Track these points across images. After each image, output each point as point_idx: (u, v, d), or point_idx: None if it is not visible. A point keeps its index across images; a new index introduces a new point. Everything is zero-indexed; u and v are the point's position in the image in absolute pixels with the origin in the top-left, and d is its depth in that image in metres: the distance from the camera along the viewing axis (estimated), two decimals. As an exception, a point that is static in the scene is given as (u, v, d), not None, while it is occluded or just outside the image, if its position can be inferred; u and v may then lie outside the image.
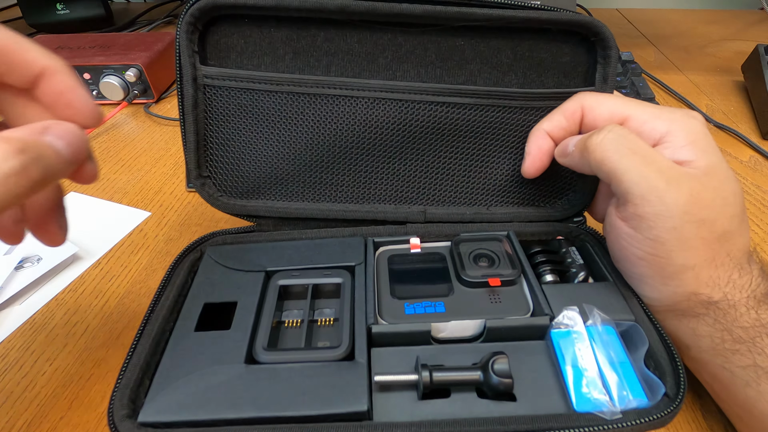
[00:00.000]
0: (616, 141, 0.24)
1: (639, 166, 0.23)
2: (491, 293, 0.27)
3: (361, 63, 0.30)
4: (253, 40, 0.30)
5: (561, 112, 0.29)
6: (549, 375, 0.23)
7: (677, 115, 0.26)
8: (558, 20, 0.29)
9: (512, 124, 0.32)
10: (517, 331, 0.25)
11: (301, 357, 0.23)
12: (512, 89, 0.30)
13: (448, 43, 0.30)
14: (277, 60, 0.30)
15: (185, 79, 0.29)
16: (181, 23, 0.28)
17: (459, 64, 0.30)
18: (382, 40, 0.30)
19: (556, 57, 0.30)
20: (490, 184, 0.33)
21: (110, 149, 0.53)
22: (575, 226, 0.32)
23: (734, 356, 0.23)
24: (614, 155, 0.24)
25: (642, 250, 0.24)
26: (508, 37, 0.30)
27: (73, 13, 0.84)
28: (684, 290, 0.24)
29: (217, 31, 0.30)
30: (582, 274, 0.28)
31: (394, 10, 0.28)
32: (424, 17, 0.28)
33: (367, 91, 0.30)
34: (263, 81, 0.30)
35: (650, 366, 0.23)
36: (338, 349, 0.23)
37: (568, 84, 0.31)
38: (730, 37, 0.83)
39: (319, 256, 0.29)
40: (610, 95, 0.28)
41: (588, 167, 0.26)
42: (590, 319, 0.24)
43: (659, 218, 0.23)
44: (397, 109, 0.31)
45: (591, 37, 0.29)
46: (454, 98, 0.30)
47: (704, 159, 0.24)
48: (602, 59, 0.30)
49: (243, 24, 0.29)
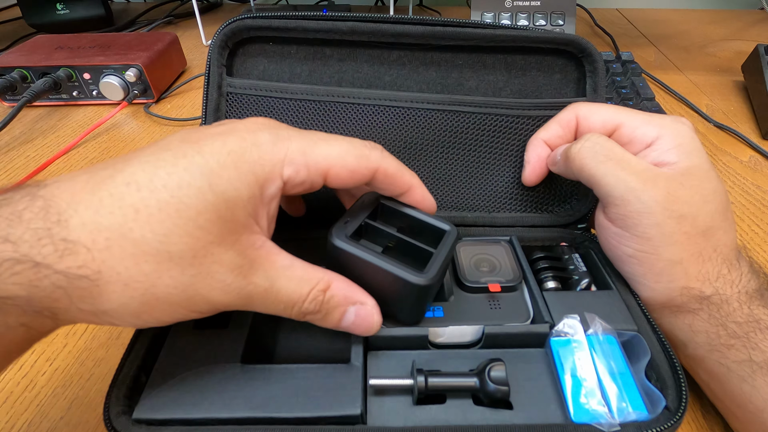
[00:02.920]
0: (592, 149, 0.26)
1: (615, 171, 0.25)
2: (491, 299, 0.27)
3: (369, 80, 0.33)
4: (275, 61, 0.33)
5: (557, 122, 0.30)
6: (547, 384, 0.23)
7: (666, 121, 0.27)
8: (545, 39, 0.31)
9: (510, 131, 0.33)
10: (516, 338, 0.24)
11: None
12: (508, 99, 0.32)
13: (448, 62, 0.33)
14: (294, 77, 0.34)
15: (211, 86, 0.32)
16: (214, 40, 0.32)
17: (458, 81, 0.33)
18: (388, 60, 0.33)
19: (549, 73, 0.33)
20: (492, 190, 0.33)
21: (110, 149, 0.53)
22: (579, 232, 0.32)
23: (729, 351, 0.23)
24: (591, 162, 0.26)
25: (631, 247, 0.25)
26: (502, 57, 0.33)
27: (73, 13, 0.84)
28: (675, 285, 0.25)
29: (245, 52, 0.33)
30: (585, 282, 0.28)
31: (397, 30, 0.31)
32: (425, 37, 0.31)
33: (373, 99, 0.32)
34: (279, 90, 0.33)
35: (651, 378, 0.23)
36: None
37: (561, 96, 0.33)
38: (730, 37, 0.83)
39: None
40: (603, 105, 0.30)
41: (573, 174, 0.28)
42: (591, 328, 0.24)
43: (641, 215, 0.24)
44: (401, 115, 0.33)
45: (578, 54, 0.32)
46: (453, 107, 0.32)
47: (686, 161, 0.25)
48: (591, 72, 0.32)
49: (268, 47, 0.33)
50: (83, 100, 0.62)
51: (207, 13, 1.03)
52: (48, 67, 0.59)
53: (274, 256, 0.20)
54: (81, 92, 0.61)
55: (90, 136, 0.55)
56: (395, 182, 0.23)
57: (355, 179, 0.22)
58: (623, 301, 0.26)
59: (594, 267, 0.29)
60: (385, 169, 0.22)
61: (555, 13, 0.67)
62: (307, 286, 0.20)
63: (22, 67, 0.59)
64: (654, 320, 0.25)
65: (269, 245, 0.20)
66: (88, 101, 0.62)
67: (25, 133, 0.56)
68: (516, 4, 0.67)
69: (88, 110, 0.62)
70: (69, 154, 0.52)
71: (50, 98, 0.61)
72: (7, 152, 0.52)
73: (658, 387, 0.22)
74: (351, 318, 0.22)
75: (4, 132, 0.55)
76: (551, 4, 0.66)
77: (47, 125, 0.58)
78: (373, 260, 0.22)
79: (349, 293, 0.22)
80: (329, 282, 0.21)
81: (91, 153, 0.52)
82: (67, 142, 0.53)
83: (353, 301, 0.22)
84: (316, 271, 0.21)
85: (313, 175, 0.21)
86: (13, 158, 0.51)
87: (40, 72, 0.59)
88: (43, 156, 0.52)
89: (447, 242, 0.24)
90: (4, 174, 0.49)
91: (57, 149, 0.52)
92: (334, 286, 0.21)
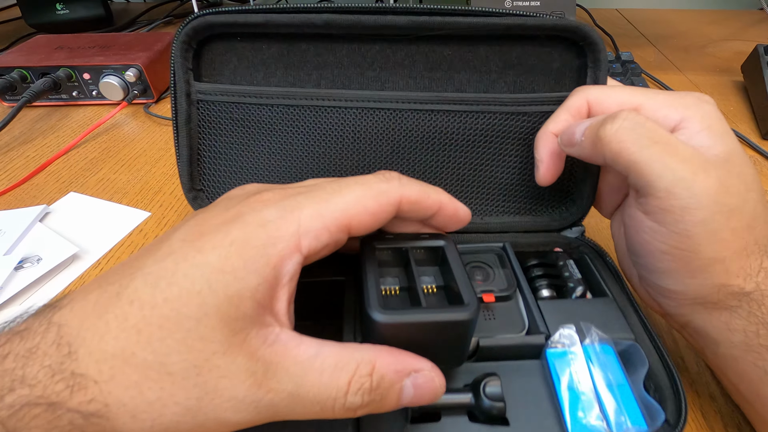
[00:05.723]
0: (633, 130, 0.22)
1: (662, 157, 0.22)
2: (485, 309, 0.26)
3: (351, 75, 0.31)
4: (245, 58, 0.30)
5: (566, 110, 0.27)
6: (544, 397, 0.22)
7: (690, 100, 0.24)
8: (544, 25, 0.28)
9: (504, 130, 0.31)
10: (511, 350, 0.24)
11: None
12: (502, 95, 0.30)
13: (436, 53, 0.30)
14: (269, 75, 0.31)
15: (179, 95, 0.30)
16: (176, 42, 0.29)
17: (448, 74, 0.31)
18: (370, 53, 0.30)
19: (546, 63, 0.30)
20: (484, 194, 0.32)
21: (110, 149, 0.53)
22: (573, 237, 0.31)
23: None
24: (633, 146, 0.22)
25: (667, 244, 0.22)
26: (496, 45, 0.30)
27: (72, 13, 0.84)
28: (712, 282, 0.22)
29: (211, 50, 0.30)
30: (580, 289, 0.27)
31: (379, 22, 0.28)
32: (409, 28, 0.28)
33: (356, 101, 0.30)
34: (254, 95, 0.30)
35: (650, 389, 0.22)
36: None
37: (559, 89, 0.31)
38: (730, 37, 0.83)
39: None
40: (615, 86, 0.27)
41: (600, 159, 0.24)
42: (588, 338, 0.23)
43: (687, 211, 0.21)
44: (386, 118, 0.30)
45: (579, 42, 0.29)
46: (442, 106, 0.30)
47: (721, 144, 0.22)
48: (592, 63, 0.29)
49: (236, 42, 0.30)
50: (83, 100, 0.62)
51: (207, 13, 1.03)
52: (48, 67, 0.59)
53: (293, 348, 0.17)
54: (81, 92, 0.61)
55: (90, 136, 0.55)
56: (421, 207, 0.21)
57: (380, 220, 0.20)
58: (619, 309, 0.25)
59: (589, 273, 0.29)
60: (408, 198, 0.20)
61: (555, 13, 0.67)
62: (346, 374, 0.17)
63: (22, 67, 0.59)
64: (687, 315, 0.23)
65: (285, 336, 0.17)
66: (88, 101, 0.62)
67: (25, 133, 0.56)
68: (515, 5, 0.67)
69: (87, 110, 0.61)
70: (69, 154, 0.52)
71: (50, 98, 0.61)
72: (6, 152, 0.52)
73: (657, 399, 0.22)
74: (410, 393, 0.18)
75: (4, 132, 0.55)
76: (551, 4, 0.66)
77: (47, 125, 0.58)
78: (420, 318, 0.19)
79: (399, 365, 0.18)
80: (373, 361, 0.18)
81: (90, 153, 0.52)
82: (66, 142, 0.53)
83: (407, 372, 0.18)
84: (352, 350, 0.18)
85: (335, 234, 0.19)
86: (13, 158, 0.51)
87: (39, 72, 0.59)
88: (43, 156, 0.52)
89: (453, 257, 0.22)
90: (4, 174, 0.49)
91: (57, 149, 0.52)
92: (380, 364, 0.18)
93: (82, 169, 0.50)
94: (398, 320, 0.19)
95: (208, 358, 0.16)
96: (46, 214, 0.43)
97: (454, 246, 0.23)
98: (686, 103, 0.24)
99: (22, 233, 0.39)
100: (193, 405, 0.16)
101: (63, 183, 0.47)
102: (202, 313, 0.16)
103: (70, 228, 0.41)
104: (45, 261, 0.37)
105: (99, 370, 0.15)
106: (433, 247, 0.23)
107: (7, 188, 0.46)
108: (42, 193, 0.46)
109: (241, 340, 0.16)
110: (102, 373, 0.15)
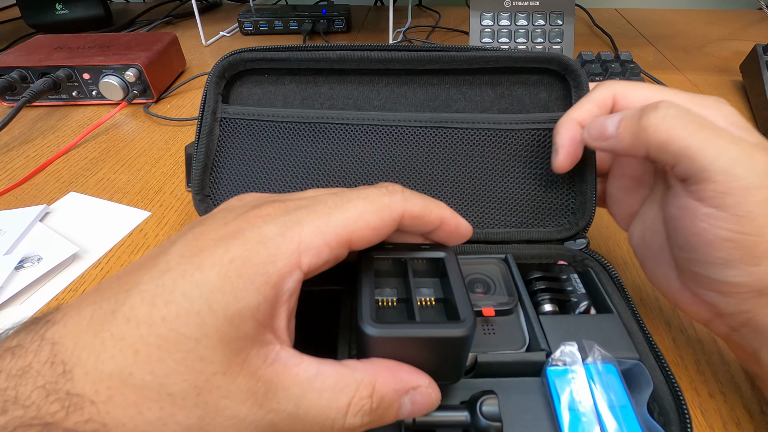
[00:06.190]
0: (680, 117, 0.22)
1: (715, 140, 0.21)
2: (485, 323, 0.25)
3: (359, 104, 0.35)
4: (269, 91, 0.35)
5: (591, 101, 0.27)
6: (543, 417, 0.21)
7: (709, 101, 0.25)
8: (528, 58, 0.32)
9: (500, 145, 0.33)
10: (510, 366, 0.23)
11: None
12: (496, 115, 0.33)
13: (436, 85, 0.34)
14: (287, 104, 0.35)
15: (206, 112, 0.34)
16: (212, 72, 0.34)
17: (446, 103, 0.34)
18: (377, 85, 0.35)
19: (533, 92, 0.34)
20: (485, 205, 0.33)
21: (110, 149, 0.53)
22: (578, 249, 0.31)
23: None
24: (683, 132, 0.22)
25: (728, 229, 0.21)
26: (488, 77, 0.34)
27: (72, 13, 0.84)
28: None
29: (241, 83, 0.35)
30: (583, 305, 0.27)
31: (384, 56, 0.33)
32: (411, 61, 0.33)
33: (363, 120, 0.34)
34: (271, 115, 0.35)
35: (654, 410, 0.22)
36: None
37: (548, 111, 0.34)
38: (729, 37, 0.83)
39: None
40: (640, 83, 0.27)
41: (642, 150, 0.24)
42: (590, 357, 0.23)
43: (749, 192, 0.21)
44: (390, 134, 0.34)
45: (562, 72, 0.33)
46: (442, 124, 0.33)
47: (750, 137, 0.23)
48: (575, 88, 0.33)
49: (263, 79, 0.35)
50: (83, 100, 0.62)
51: (206, 13, 1.03)
52: (47, 67, 0.59)
53: (293, 367, 0.17)
54: (80, 92, 0.61)
55: (90, 136, 0.55)
56: (423, 221, 0.21)
57: (381, 235, 0.19)
58: (624, 326, 0.25)
59: (593, 288, 0.28)
60: (411, 212, 0.20)
61: (554, 13, 0.67)
62: (345, 396, 0.17)
63: (22, 67, 0.59)
64: (749, 311, 0.22)
65: (285, 355, 0.17)
66: (88, 101, 0.62)
67: (25, 133, 0.56)
68: (515, 4, 0.67)
69: (87, 110, 0.62)
70: (69, 154, 0.52)
71: (50, 98, 0.62)
72: (6, 152, 0.53)
73: (661, 422, 0.21)
74: (408, 409, 0.19)
75: (4, 132, 0.55)
76: (550, 4, 0.66)
77: (47, 125, 0.58)
78: (411, 333, 0.19)
79: (398, 384, 0.18)
80: (373, 382, 0.18)
81: (90, 153, 0.52)
82: (66, 142, 0.53)
83: (405, 390, 0.18)
84: (351, 370, 0.18)
85: (336, 250, 0.18)
86: (13, 158, 0.51)
87: (39, 72, 0.59)
88: (43, 156, 0.52)
89: (452, 269, 0.22)
90: (4, 174, 0.49)
91: (57, 149, 0.52)
92: (380, 384, 0.18)
93: (82, 168, 0.50)
94: (389, 334, 0.19)
95: (209, 379, 0.16)
96: (46, 213, 0.43)
97: (454, 258, 0.23)
98: (706, 104, 0.24)
99: (22, 233, 0.39)
100: (193, 424, 0.16)
101: (63, 183, 0.47)
102: (202, 334, 0.16)
103: (71, 228, 0.41)
104: (45, 261, 0.37)
105: (96, 390, 0.15)
106: (433, 258, 0.23)
107: (8, 188, 0.46)
108: (42, 193, 0.46)
109: (241, 360, 0.16)
110: (99, 393, 0.15)
